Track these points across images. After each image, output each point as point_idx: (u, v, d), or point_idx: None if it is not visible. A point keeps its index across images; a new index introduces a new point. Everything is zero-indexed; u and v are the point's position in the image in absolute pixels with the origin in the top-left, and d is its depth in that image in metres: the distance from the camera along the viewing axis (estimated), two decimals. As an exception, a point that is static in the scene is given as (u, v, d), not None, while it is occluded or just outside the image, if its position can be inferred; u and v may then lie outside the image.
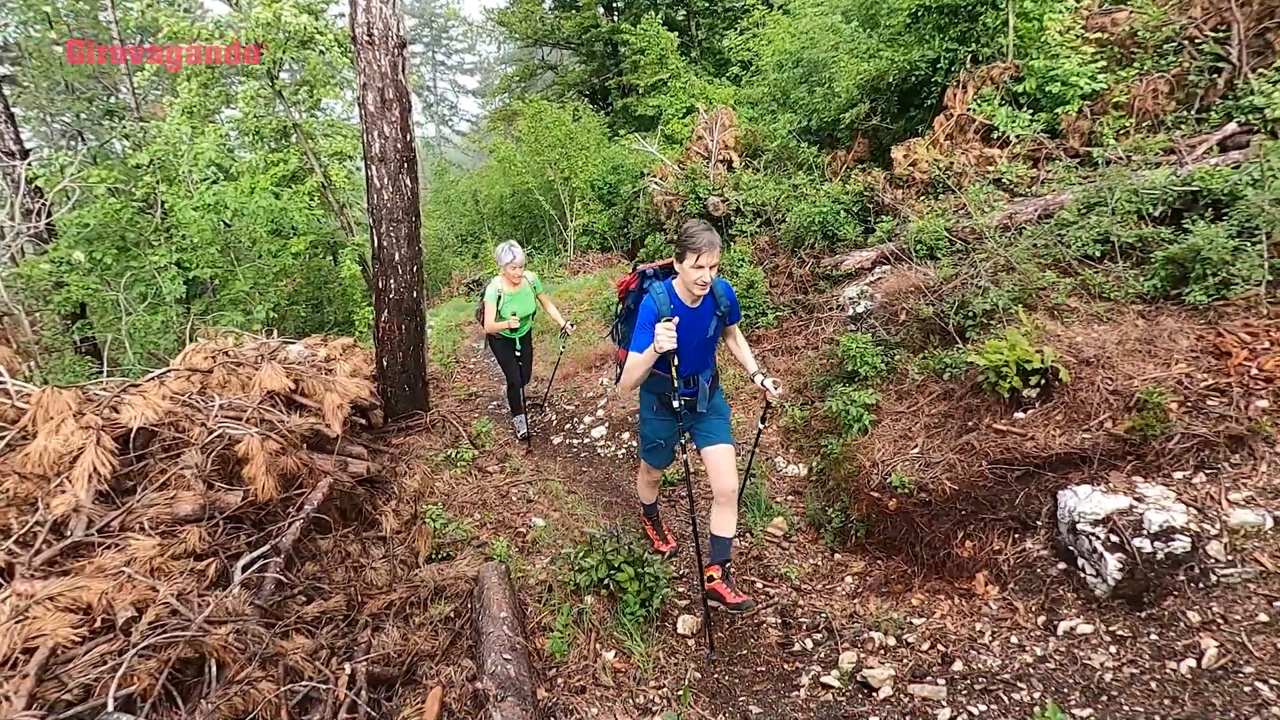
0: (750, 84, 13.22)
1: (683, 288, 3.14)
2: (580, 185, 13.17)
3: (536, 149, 13.53)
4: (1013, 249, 4.98)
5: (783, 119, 10.49)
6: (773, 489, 4.76)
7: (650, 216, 11.41)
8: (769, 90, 11.79)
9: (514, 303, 5.52)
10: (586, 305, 8.75)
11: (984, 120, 7.24)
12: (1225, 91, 6.34)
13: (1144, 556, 2.92)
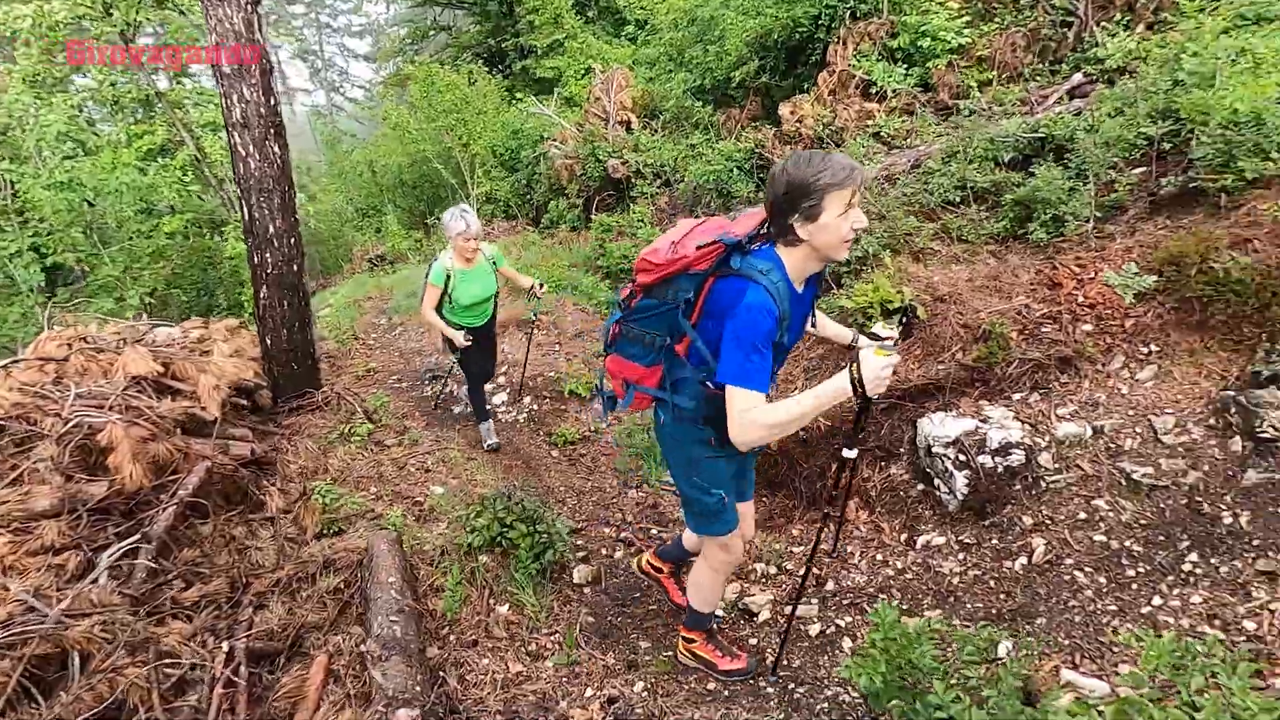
0: (647, 44, 13.14)
1: (801, 262, 2.05)
2: (480, 152, 12.83)
3: (431, 115, 13.06)
4: (884, 198, 5.24)
5: (678, 78, 10.51)
6: (670, 441, 4.90)
7: (552, 182, 11.28)
8: (665, 50, 11.75)
9: (470, 283, 4.52)
10: (488, 274, 8.62)
11: (863, 76, 7.49)
12: (1075, 44, 6.79)
13: (986, 471, 3.22)
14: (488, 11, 17.92)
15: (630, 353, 2.37)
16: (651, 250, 2.23)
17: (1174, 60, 4.69)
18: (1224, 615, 2.52)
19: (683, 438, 2.38)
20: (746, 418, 1.95)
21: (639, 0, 13.04)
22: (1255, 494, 2.80)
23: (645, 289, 2.25)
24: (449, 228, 4.41)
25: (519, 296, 6.97)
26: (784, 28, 8.28)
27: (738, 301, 1.96)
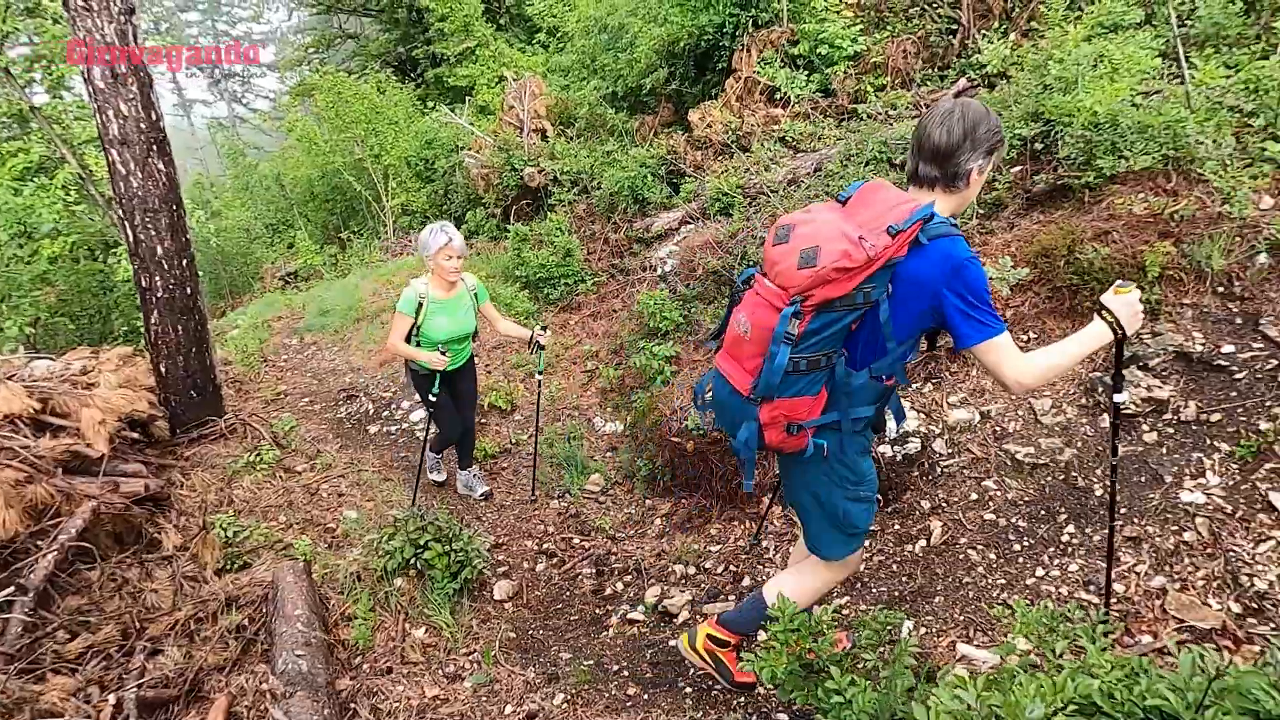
0: (559, 51, 13.13)
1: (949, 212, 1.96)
2: (393, 162, 12.51)
3: (340, 126, 12.64)
4: (789, 200, 5.41)
5: (591, 86, 10.55)
6: (590, 448, 4.92)
7: (469, 191, 11.11)
8: (577, 57, 11.78)
9: (444, 315, 3.82)
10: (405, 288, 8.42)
11: (768, 82, 7.71)
12: (960, 50, 7.20)
13: (887, 460, 3.37)
14: (396, 19, 17.50)
15: (799, 388, 1.97)
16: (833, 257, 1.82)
17: (1042, 66, 5.03)
18: (1098, 581, 2.72)
19: (850, 451, 2.13)
20: (1023, 363, 1.86)
21: (549, 8, 13.02)
22: (1121, 466, 3.04)
23: (823, 304, 1.88)
24: (427, 245, 3.72)
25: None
26: (690, 36, 8.43)
27: (948, 262, 1.83)
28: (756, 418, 2.02)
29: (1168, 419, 3.07)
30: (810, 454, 2.07)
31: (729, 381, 2.09)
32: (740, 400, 2.05)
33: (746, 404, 2.03)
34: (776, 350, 1.90)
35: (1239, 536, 2.63)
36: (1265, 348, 3.04)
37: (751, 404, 2.01)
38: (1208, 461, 2.87)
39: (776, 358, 1.90)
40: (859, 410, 2.05)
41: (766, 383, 1.94)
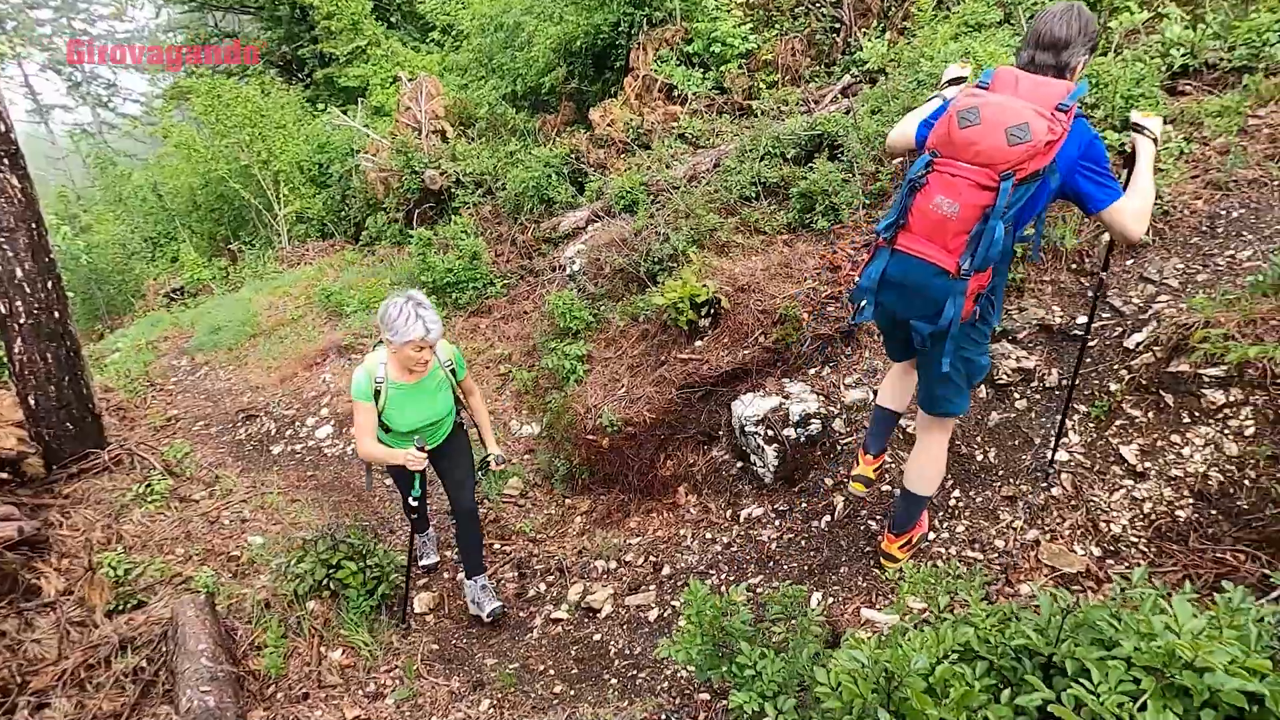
0: (455, 50, 12.86)
1: None
2: (284, 168, 11.92)
3: (221, 131, 11.91)
4: (690, 197, 5.55)
5: (490, 85, 10.42)
6: (509, 451, 4.89)
7: (369, 196, 10.74)
8: (474, 56, 11.58)
9: (412, 404, 3.06)
10: (304, 299, 8.06)
11: (665, 80, 7.85)
12: (844, 48, 7.56)
13: (792, 442, 3.54)
14: (278, 17, 16.62)
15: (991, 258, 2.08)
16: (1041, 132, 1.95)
17: (916, 63, 5.37)
18: (981, 538, 2.96)
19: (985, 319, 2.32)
20: (1140, 216, 2.10)
21: (441, 5, 12.72)
22: (998, 432, 3.32)
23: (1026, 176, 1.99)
24: (394, 329, 2.83)
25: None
26: (586, 34, 8.46)
27: (1084, 138, 2.06)
28: (964, 291, 2.13)
29: (1034, 386, 3.36)
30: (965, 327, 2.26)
31: (930, 263, 2.15)
32: (947, 279, 2.13)
33: (955, 281, 2.12)
34: (995, 225, 2.02)
35: (1097, 488, 2.92)
36: (1112, 316, 3.39)
37: (963, 279, 2.11)
38: (1070, 422, 3.16)
39: (996, 231, 2.03)
40: (1002, 277, 2.29)
41: (985, 255, 2.06)
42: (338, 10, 13.23)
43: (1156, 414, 2.96)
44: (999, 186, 1.99)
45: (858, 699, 1.66)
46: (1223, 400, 2.80)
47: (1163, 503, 2.76)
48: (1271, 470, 2.60)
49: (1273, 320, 2.74)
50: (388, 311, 2.88)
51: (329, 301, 7.56)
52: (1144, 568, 1.91)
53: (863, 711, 1.65)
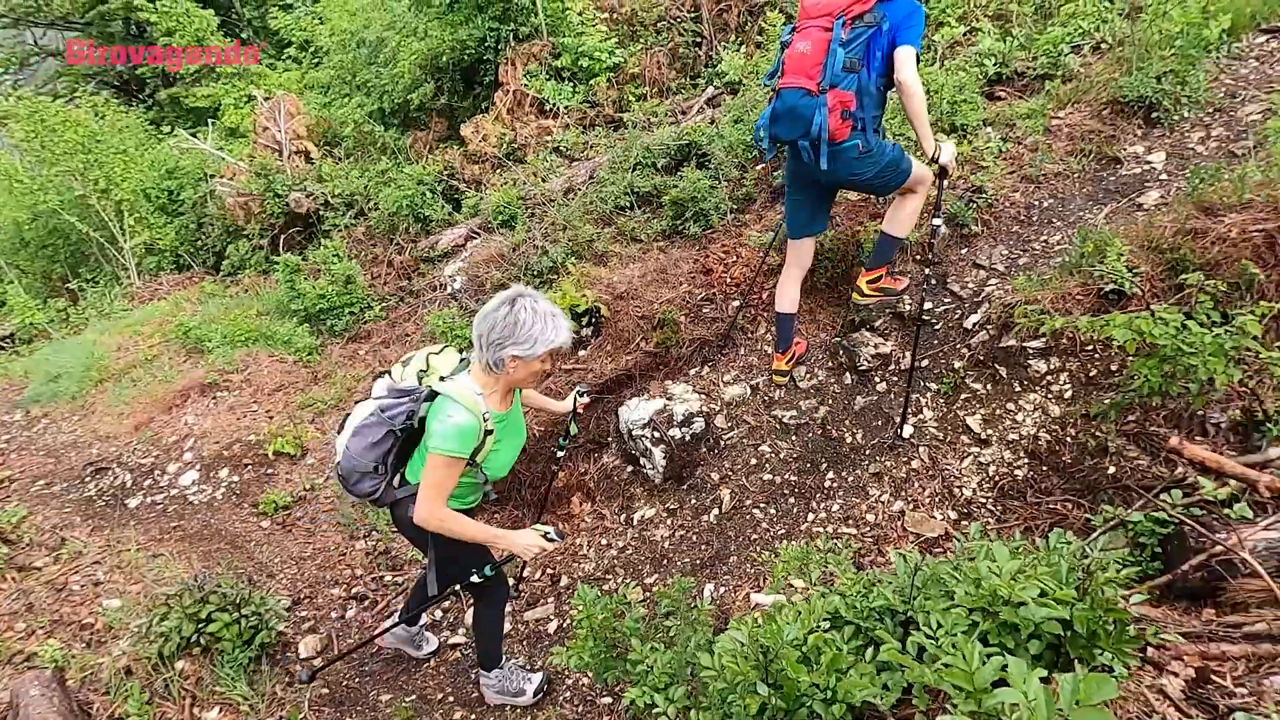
0: (315, 67, 12.32)
1: None
2: (127, 197, 10.93)
3: (50, 159, 10.77)
4: (567, 209, 5.59)
5: (355, 102, 10.04)
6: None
7: (228, 223, 10.05)
8: (336, 72, 11.12)
9: (510, 435, 2.46)
10: (158, 338, 7.42)
11: (535, 94, 7.88)
12: (707, 61, 7.88)
13: (677, 442, 3.64)
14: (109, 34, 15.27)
15: (845, 83, 2.88)
16: None
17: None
18: (854, 515, 3.17)
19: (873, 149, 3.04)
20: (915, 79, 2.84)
21: (296, 21, 12.15)
22: (864, 415, 3.57)
23: (854, 18, 2.83)
24: (530, 339, 2.18)
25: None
26: (452, 50, 8.36)
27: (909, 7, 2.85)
28: (825, 104, 2.88)
29: (892, 369, 3.64)
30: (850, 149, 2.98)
31: (798, 89, 2.92)
32: (810, 98, 2.90)
33: (817, 97, 2.89)
34: (836, 49, 2.84)
35: (950, 457, 3.20)
36: (953, 301, 3.73)
37: (821, 95, 2.89)
38: (924, 400, 3.45)
39: (837, 54, 2.84)
40: (874, 110, 3.01)
41: (831, 72, 2.86)
42: (179, 26, 12.34)
43: (994, 385, 3.28)
44: (834, 25, 2.84)
45: (739, 676, 1.74)
46: (1045, 369, 3.15)
47: (1004, 465, 3.07)
48: (1087, 427, 2.95)
49: (1077, 295, 3.12)
50: (517, 320, 2.16)
51: (188, 338, 7.01)
52: (978, 524, 2.12)
53: (745, 688, 1.73)
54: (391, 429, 2.32)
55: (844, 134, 2.94)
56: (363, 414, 2.37)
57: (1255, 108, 3.85)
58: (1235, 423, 2.74)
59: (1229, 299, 2.78)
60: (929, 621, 1.66)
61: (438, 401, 2.26)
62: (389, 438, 2.34)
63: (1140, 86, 4.12)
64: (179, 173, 10.92)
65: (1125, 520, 2.58)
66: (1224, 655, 2.05)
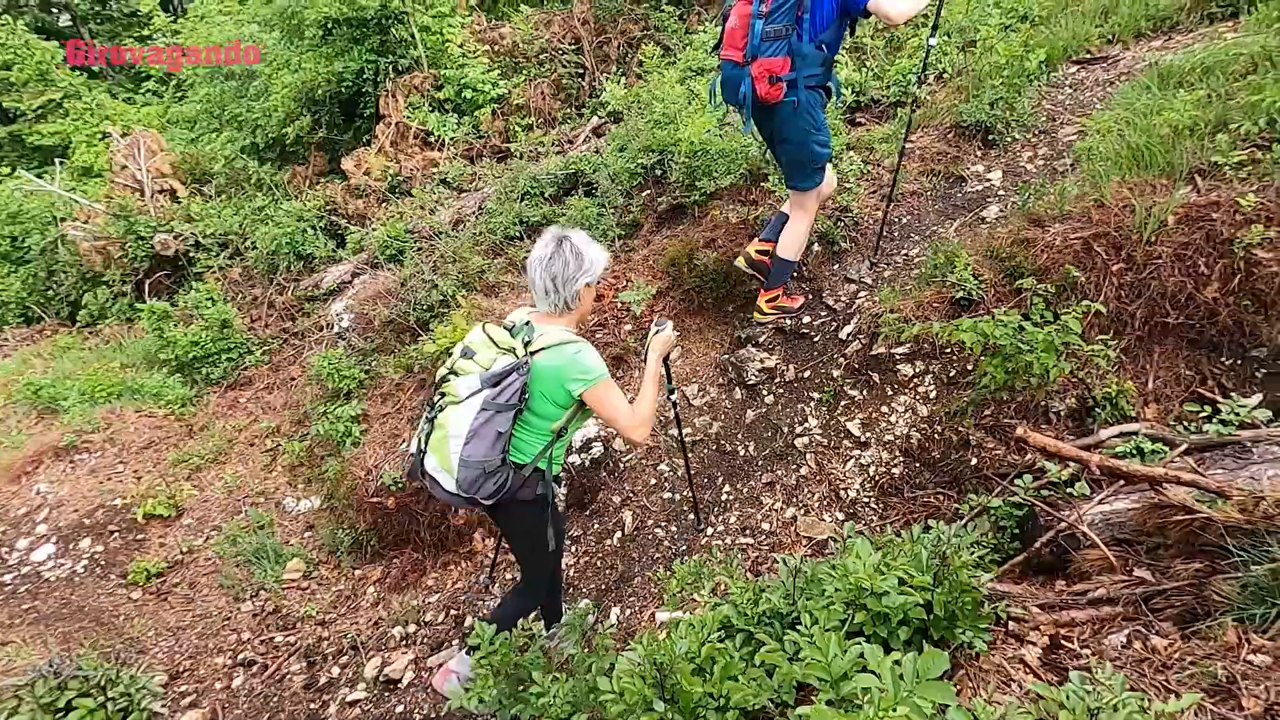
0: (179, 101, 11.63)
1: None
2: (-40, 245, 9.88)
3: None
4: (456, 241, 5.53)
5: (224, 137, 9.56)
6: (285, 533, 4.47)
7: (83, 269, 9.24)
8: (203, 106, 10.55)
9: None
10: (2, 400, 6.68)
11: (419, 126, 7.77)
12: (590, 91, 8.05)
13: (576, 468, 3.65)
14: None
15: (772, 50, 3.07)
16: None
17: (649, 105, 5.89)
18: (750, 524, 3.28)
19: (809, 105, 3.20)
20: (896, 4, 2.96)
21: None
22: (754, 427, 3.71)
23: None
24: (593, 260, 2.35)
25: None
26: (329, 82, 8.14)
27: None
28: (750, 74, 3.11)
29: (778, 382, 3.82)
30: (785, 106, 3.16)
31: (731, 60, 3.18)
32: (738, 68, 3.15)
33: (744, 67, 3.13)
34: (755, 23, 3.05)
35: (835, 462, 3.38)
36: (828, 314, 3.96)
37: (747, 65, 3.11)
38: (808, 409, 3.63)
39: (754, 27, 3.06)
40: (810, 70, 3.14)
41: (751, 44, 3.08)
42: (18, 59, 11.34)
43: (869, 391, 3.50)
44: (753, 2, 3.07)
45: (637, 696, 1.76)
46: (911, 372, 3.40)
47: (882, 464, 3.27)
48: (951, 423, 3.20)
49: (933, 303, 3.40)
50: (577, 250, 2.29)
51: (38, 397, 6.36)
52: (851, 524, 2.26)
53: (642, 706, 1.75)
54: (513, 408, 2.24)
55: (776, 95, 3.15)
56: (465, 419, 2.23)
57: (1071, 130, 4.35)
58: (1072, 409, 3.05)
59: (1058, 299, 3.11)
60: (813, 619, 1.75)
61: (548, 354, 2.25)
62: (508, 417, 2.25)
63: (977, 112, 4.56)
64: (23, 217, 9.99)
65: (988, 506, 2.82)
66: (1073, 621, 2.27)
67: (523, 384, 2.23)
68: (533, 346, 2.26)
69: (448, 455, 2.24)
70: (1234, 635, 1.92)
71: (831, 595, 1.65)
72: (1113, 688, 1.39)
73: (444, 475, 2.27)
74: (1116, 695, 1.36)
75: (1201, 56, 3.97)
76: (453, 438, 2.23)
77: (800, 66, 3.12)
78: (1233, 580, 2.10)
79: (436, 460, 2.27)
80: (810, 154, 3.35)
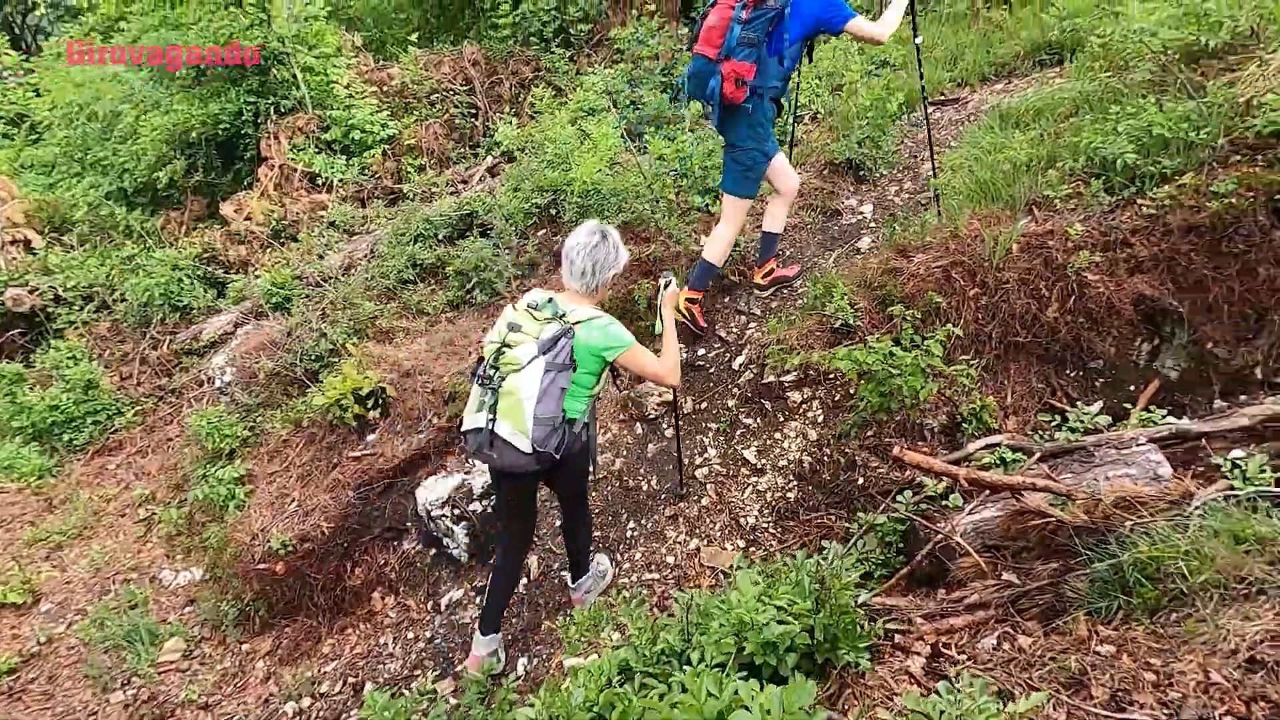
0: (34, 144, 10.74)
1: None
2: None
3: None
4: (347, 286, 5.36)
5: (87, 183, 8.89)
6: (162, 610, 4.11)
7: (-82, 331, 8.28)
8: (63, 149, 9.79)
9: None
10: None
11: (305, 168, 7.52)
12: (484, 131, 8.06)
13: (478, 515, 3.57)
14: None
15: (743, 55, 3.31)
16: None
17: (541, 146, 5.96)
18: (655, 560, 3.31)
19: (760, 114, 3.51)
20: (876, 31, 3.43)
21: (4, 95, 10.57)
22: (656, 460, 3.76)
23: (757, 2, 3.27)
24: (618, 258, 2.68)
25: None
26: (204, 124, 7.76)
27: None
28: (719, 72, 3.32)
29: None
30: (743, 110, 3.43)
31: (704, 56, 3.36)
32: (710, 64, 3.34)
33: (714, 64, 3.33)
34: (734, 26, 3.28)
35: (734, 490, 3.47)
36: (721, 346, 4.09)
37: (718, 63, 3.32)
38: (707, 440, 3.72)
39: (734, 30, 3.28)
40: (771, 81, 3.44)
41: (727, 45, 3.30)
42: None
43: (762, 419, 3.63)
44: (736, 6, 3.29)
45: (534, 753, 1.73)
46: (800, 399, 3.56)
47: (778, 490, 3.39)
48: (838, 446, 3.36)
49: (816, 331, 3.58)
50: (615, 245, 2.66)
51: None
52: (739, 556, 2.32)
53: (539, 763, 1.72)
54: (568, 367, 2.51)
55: (739, 98, 3.37)
56: (534, 381, 2.45)
57: (930, 166, 4.73)
58: (944, 425, 3.28)
59: (925, 324, 3.36)
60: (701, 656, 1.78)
61: (585, 326, 2.55)
62: (567, 375, 2.52)
63: (847, 150, 4.89)
64: None
65: (874, 524, 2.97)
66: (952, 629, 2.41)
67: (571, 346, 2.50)
68: (569, 319, 2.53)
69: (523, 417, 2.44)
70: (1085, 628, 2.10)
71: (715, 631, 1.69)
72: (973, 695, 1.49)
73: (519, 437, 2.47)
74: (976, 701, 1.46)
75: (1033, 100, 4.44)
76: (525, 400, 2.45)
77: (763, 76, 3.40)
78: (1083, 577, 2.31)
79: (511, 424, 2.46)
80: (752, 160, 3.64)
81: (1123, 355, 3.26)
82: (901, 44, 5.57)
